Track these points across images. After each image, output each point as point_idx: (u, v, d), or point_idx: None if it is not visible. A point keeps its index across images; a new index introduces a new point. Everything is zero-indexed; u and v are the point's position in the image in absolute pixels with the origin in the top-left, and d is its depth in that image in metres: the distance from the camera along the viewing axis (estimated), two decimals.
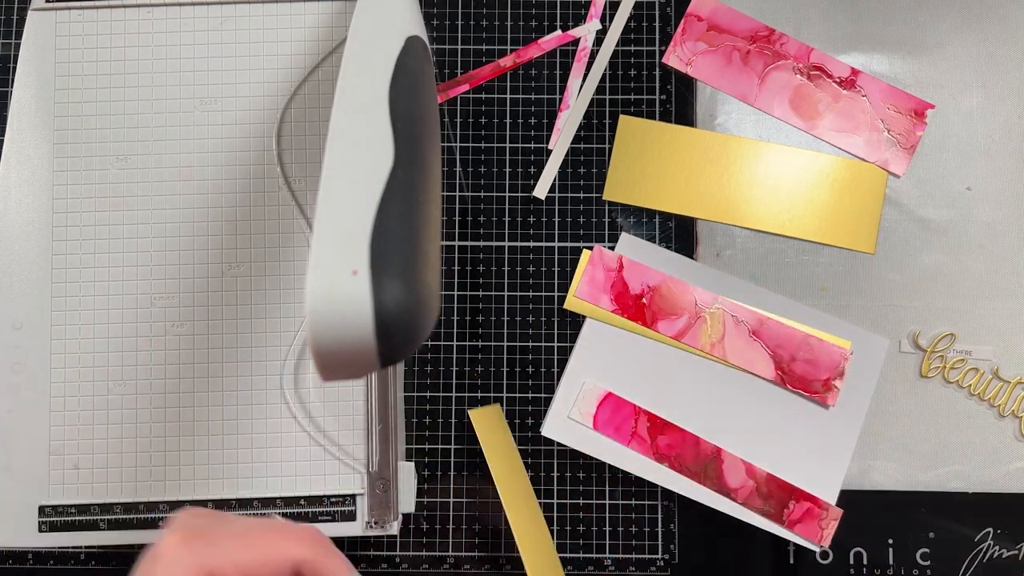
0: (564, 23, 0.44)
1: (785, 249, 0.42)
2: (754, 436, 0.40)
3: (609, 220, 0.43)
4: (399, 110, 0.29)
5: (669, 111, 0.43)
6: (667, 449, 0.40)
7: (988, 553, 0.41)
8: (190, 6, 0.43)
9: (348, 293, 0.24)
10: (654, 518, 0.42)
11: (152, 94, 0.42)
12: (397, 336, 0.25)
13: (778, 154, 0.42)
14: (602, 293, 0.41)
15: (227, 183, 0.42)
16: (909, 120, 0.42)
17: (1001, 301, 0.42)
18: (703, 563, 0.41)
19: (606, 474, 0.42)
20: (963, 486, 0.41)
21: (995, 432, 0.41)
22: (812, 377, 0.40)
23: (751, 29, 0.43)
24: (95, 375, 0.41)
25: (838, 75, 0.43)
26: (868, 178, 0.42)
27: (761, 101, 0.43)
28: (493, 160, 0.43)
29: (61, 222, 0.41)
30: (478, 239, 0.43)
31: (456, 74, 0.43)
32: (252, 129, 0.42)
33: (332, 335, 0.24)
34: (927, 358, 0.42)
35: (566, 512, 0.42)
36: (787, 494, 0.39)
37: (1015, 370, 0.42)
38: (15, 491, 0.40)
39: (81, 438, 0.40)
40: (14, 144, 0.42)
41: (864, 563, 0.41)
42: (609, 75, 0.43)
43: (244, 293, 0.41)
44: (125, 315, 0.41)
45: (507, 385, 0.42)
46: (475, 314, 0.43)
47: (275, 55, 0.42)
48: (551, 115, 0.43)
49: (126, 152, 0.42)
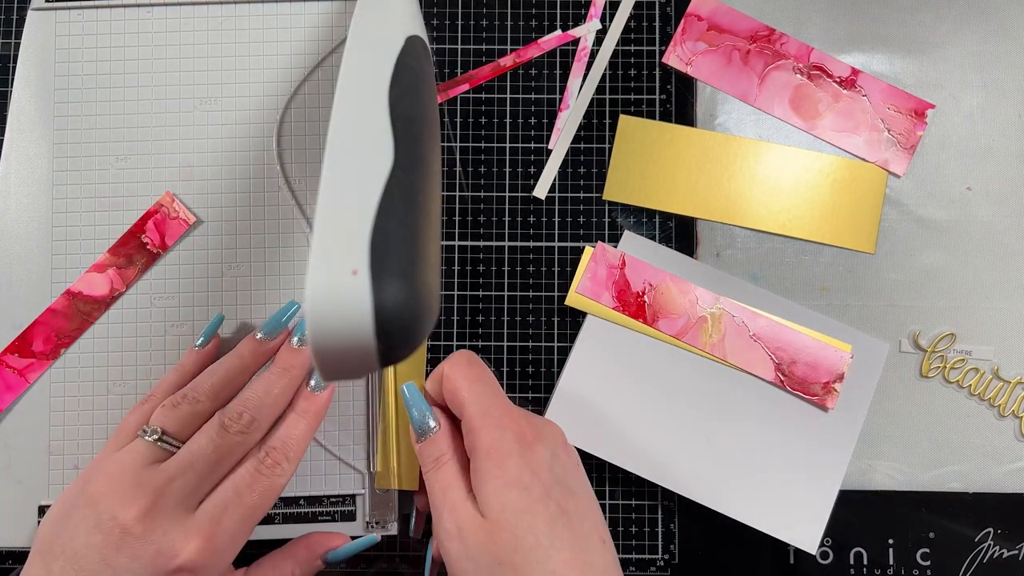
0: (564, 23, 0.44)
1: (785, 249, 0.42)
2: (753, 435, 0.40)
3: (609, 220, 0.43)
4: (399, 110, 0.29)
5: (669, 111, 0.43)
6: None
7: (988, 553, 0.41)
8: (190, 6, 0.43)
9: (348, 293, 0.24)
10: (654, 518, 0.42)
11: (152, 94, 0.42)
12: (397, 336, 0.25)
13: (778, 154, 0.42)
14: (603, 290, 0.41)
15: (227, 183, 0.42)
16: (909, 120, 0.42)
17: (1001, 301, 0.42)
18: (703, 563, 0.41)
19: (606, 474, 0.42)
20: (963, 486, 0.41)
21: (995, 432, 0.41)
22: (812, 380, 0.40)
23: (751, 29, 0.43)
24: (95, 375, 0.41)
25: (838, 75, 0.43)
26: (868, 178, 0.42)
27: (761, 101, 0.43)
28: (493, 160, 0.43)
29: (61, 222, 0.41)
30: (478, 239, 0.43)
31: (456, 74, 0.43)
32: (252, 129, 0.42)
33: (332, 335, 0.24)
34: (927, 358, 0.42)
35: None
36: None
37: (1015, 370, 0.41)
38: (15, 491, 0.40)
39: (81, 438, 0.40)
40: (14, 144, 0.42)
41: (864, 563, 0.41)
42: (609, 75, 0.43)
43: (244, 293, 0.41)
44: (125, 315, 0.41)
45: (507, 385, 0.42)
46: (475, 314, 0.43)
47: (275, 55, 0.42)
48: (551, 115, 0.43)
49: (126, 152, 0.42)
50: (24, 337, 0.40)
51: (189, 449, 0.34)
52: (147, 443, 0.34)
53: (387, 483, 0.40)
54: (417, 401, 0.36)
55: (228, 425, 0.35)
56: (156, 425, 0.35)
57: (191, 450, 0.34)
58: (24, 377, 0.40)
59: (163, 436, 0.34)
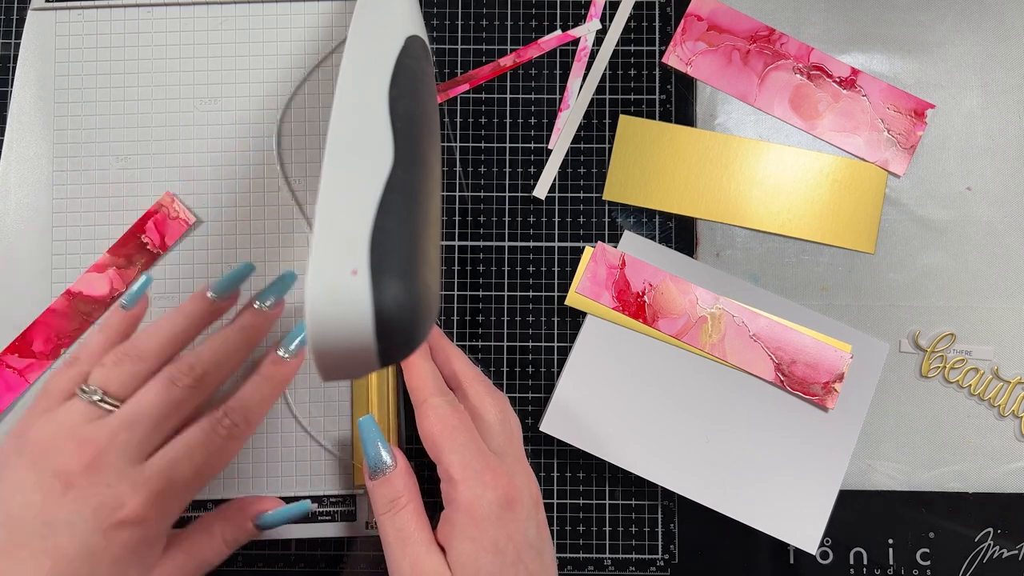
0: (564, 23, 0.44)
1: (785, 249, 0.42)
2: (753, 435, 0.40)
3: (609, 220, 0.43)
4: (399, 110, 0.29)
5: (669, 111, 0.43)
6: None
7: (988, 553, 0.41)
8: (190, 6, 0.43)
9: (348, 293, 0.24)
10: (654, 518, 0.42)
11: (152, 94, 0.42)
12: (397, 336, 0.25)
13: (778, 154, 0.42)
14: (603, 290, 0.41)
15: (227, 183, 0.42)
16: (909, 120, 0.42)
17: (1001, 301, 0.42)
18: (703, 563, 0.41)
19: (606, 474, 0.42)
20: (963, 486, 0.41)
21: (995, 432, 0.41)
22: (812, 380, 0.40)
23: (751, 29, 0.43)
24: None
25: (838, 75, 0.43)
26: (868, 178, 0.42)
27: (761, 101, 0.43)
28: (493, 160, 0.43)
29: (61, 222, 0.41)
30: (478, 239, 0.43)
31: (456, 74, 0.43)
32: (252, 129, 0.42)
33: (332, 335, 0.24)
34: (927, 358, 0.42)
35: (566, 512, 0.42)
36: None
37: (1015, 370, 0.41)
38: None
39: None
40: (14, 144, 0.42)
41: (864, 563, 0.41)
42: (609, 75, 0.43)
43: (244, 293, 0.41)
44: None
45: (507, 385, 0.42)
46: (475, 314, 0.43)
47: (275, 55, 0.42)
48: (551, 115, 0.43)
49: (126, 152, 0.42)
50: (24, 337, 0.40)
51: (135, 403, 0.33)
52: (86, 403, 0.32)
53: None
54: (373, 436, 0.35)
55: (177, 378, 0.33)
56: (96, 385, 0.33)
57: (137, 403, 0.32)
58: (24, 377, 0.40)
59: (104, 396, 0.33)
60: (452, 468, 0.33)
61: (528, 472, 0.36)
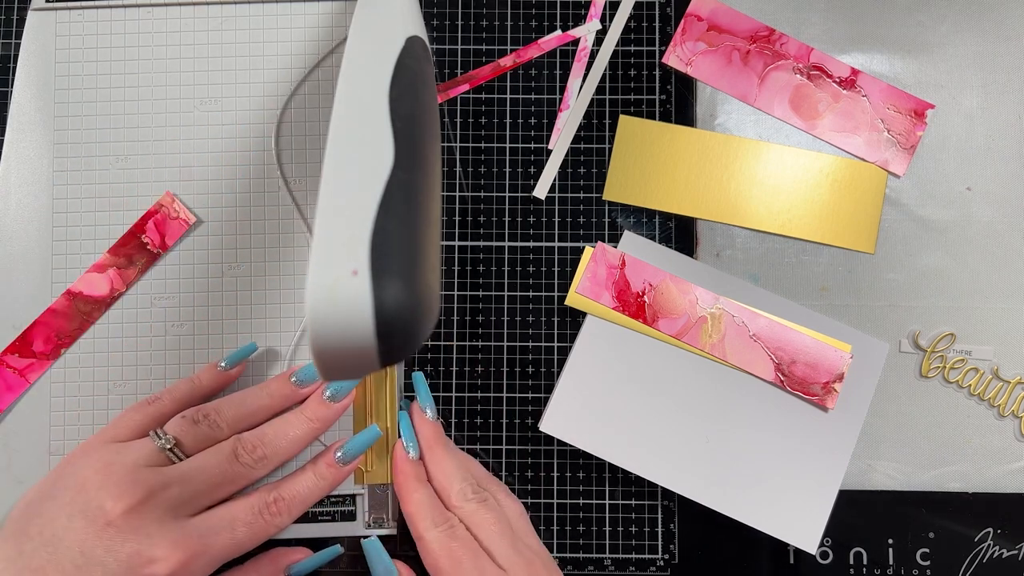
0: (564, 23, 0.44)
1: (785, 249, 0.42)
2: (753, 435, 0.40)
3: (609, 220, 0.43)
4: (399, 110, 0.29)
5: (669, 111, 0.43)
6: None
7: (988, 553, 0.41)
8: (190, 6, 0.43)
9: (348, 293, 0.24)
10: (654, 518, 0.42)
11: (152, 94, 0.42)
12: (397, 336, 0.25)
13: (778, 154, 0.42)
14: (603, 290, 0.41)
15: (227, 183, 0.42)
16: (909, 120, 0.42)
17: (1001, 301, 0.42)
18: (703, 563, 0.41)
19: (606, 474, 0.42)
20: (963, 486, 0.41)
21: (995, 432, 0.41)
22: (812, 380, 0.40)
23: (751, 29, 0.43)
24: (95, 375, 0.41)
25: (838, 75, 0.43)
26: (868, 178, 0.42)
27: (761, 101, 0.43)
28: (493, 160, 0.43)
29: (61, 222, 0.41)
30: (478, 239, 0.43)
31: (456, 74, 0.43)
32: (252, 129, 0.42)
33: (332, 335, 0.24)
34: (927, 358, 0.42)
35: (566, 512, 0.42)
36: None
37: (1015, 370, 0.42)
38: (15, 491, 0.40)
39: (81, 438, 0.40)
40: (14, 144, 0.42)
41: (864, 563, 0.41)
42: (609, 75, 0.43)
43: (244, 293, 0.41)
44: (125, 315, 0.41)
45: (507, 385, 0.42)
46: (475, 314, 0.43)
47: (275, 55, 0.42)
48: (551, 115, 0.43)
49: (126, 152, 0.42)
50: (24, 337, 0.40)
51: (195, 462, 0.34)
52: (156, 447, 0.34)
53: (383, 478, 0.40)
54: (380, 555, 0.37)
55: (240, 455, 0.35)
56: (172, 435, 0.35)
57: (197, 464, 0.34)
58: (24, 377, 0.40)
59: (175, 447, 0.34)
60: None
61: (537, 553, 0.36)
